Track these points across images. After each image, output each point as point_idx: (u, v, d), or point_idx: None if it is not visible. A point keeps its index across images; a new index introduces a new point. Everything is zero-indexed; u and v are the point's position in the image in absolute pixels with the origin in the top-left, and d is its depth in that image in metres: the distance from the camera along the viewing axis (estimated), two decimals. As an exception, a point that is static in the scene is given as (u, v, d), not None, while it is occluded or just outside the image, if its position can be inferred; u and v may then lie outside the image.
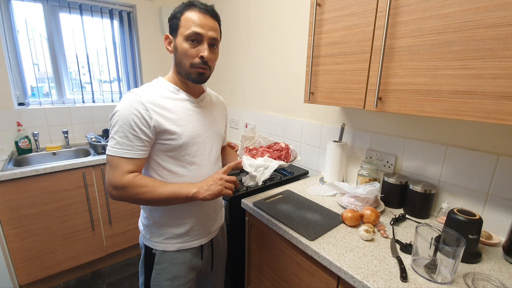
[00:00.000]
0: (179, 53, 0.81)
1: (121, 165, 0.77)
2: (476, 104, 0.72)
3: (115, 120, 0.77)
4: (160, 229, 0.90)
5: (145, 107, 0.77)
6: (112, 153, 0.77)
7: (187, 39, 0.79)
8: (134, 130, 0.76)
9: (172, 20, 0.82)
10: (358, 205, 1.09)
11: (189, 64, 0.81)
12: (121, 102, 0.79)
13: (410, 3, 0.81)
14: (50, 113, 2.01)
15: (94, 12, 2.15)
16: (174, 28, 0.81)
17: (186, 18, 0.79)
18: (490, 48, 0.68)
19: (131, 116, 0.76)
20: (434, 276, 0.73)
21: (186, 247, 0.92)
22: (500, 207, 0.94)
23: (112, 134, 0.78)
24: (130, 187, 0.77)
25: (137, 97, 0.78)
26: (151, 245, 0.91)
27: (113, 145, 0.77)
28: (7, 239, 1.55)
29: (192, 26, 0.78)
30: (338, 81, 1.06)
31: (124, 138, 0.76)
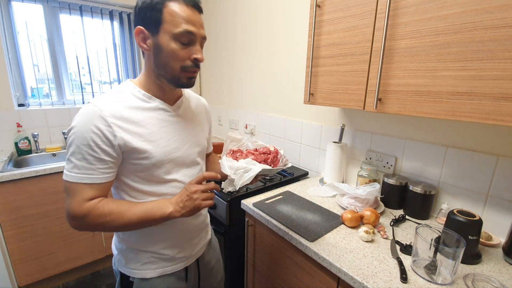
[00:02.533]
0: (164, 54, 0.66)
1: (80, 192, 0.64)
2: (475, 105, 0.72)
3: (71, 138, 0.64)
4: (138, 254, 0.77)
5: (106, 122, 0.63)
6: (68, 179, 0.64)
7: (177, 38, 0.65)
8: (94, 151, 0.63)
9: (149, 11, 0.64)
10: (358, 206, 1.09)
11: (180, 68, 0.68)
12: (77, 116, 0.64)
13: (409, 5, 0.81)
14: (50, 114, 2.02)
15: (94, 13, 2.16)
16: (153, 21, 0.65)
17: (172, 12, 0.64)
18: (489, 49, 0.68)
19: (89, 134, 0.62)
20: (434, 277, 0.73)
21: (168, 271, 0.79)
22: (499, 208, 0.94)
23: (68, 155, 0.64)
24: (90, 216, 0.64)
25: (97, 109, 0.64)
26: (128, 272, 0.78)
27: (70, 169, 0.64)
28: (7, 240, 1.55)
29: (183, 23, 0.64)
30: (338, 82, 1.06)
31: (82, 161, 0.63)
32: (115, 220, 0.66)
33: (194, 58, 0.69)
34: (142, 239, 0.76)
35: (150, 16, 0.65)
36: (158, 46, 0.67)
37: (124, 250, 0.78)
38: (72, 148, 0.63)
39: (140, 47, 0.70)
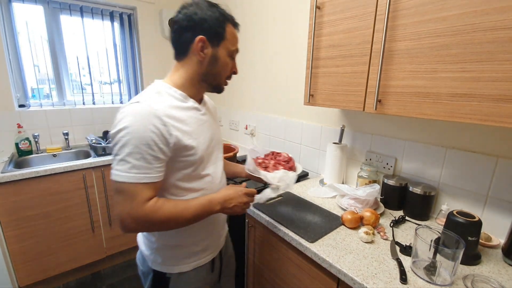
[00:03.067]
0: (220, 64, 0.76)
1: (139, 193, 0.65)
2: (474, 107, 0.72)
3: (125, 139, 0.63)
4: (175, 250, 0.81)
5: (162, 121, 0.66)
6: (127, 180, 0.64)
7: (230, 54, 0.78)
8: (153, 150, 0.65)
9: (215, 27, 0.72)
10: (358, 207, 1.09)
11: (225, 77, 0.81)
12: (129, 116, 0.65)
13: (409, 7, 0.82)
14: (51, 114, 2.02)
15: (95, 14, 2.16)
16: (216, 36, 0.73)
17: (231, 33, 0.77)
18: (489, 51, 0.68)
19: (148, 134, 0.64)
20: (434, 278, 0.73)
21: (202, 263, 0.85)
22: (499, 209, 0.94)
23: (124, 156, 0.64)
24: (152, 217, 0.66)
25: (151, 109, 0.66)
26: (164, 269, 0.81)
27: (128, 169, 0.64)
28: (7, 240, 1.55)
29: (236, 44, 0.79)
30: (338, 83, 1.06)
31: (141, 160, 0.64)
32: (175, 220, 0.71)
33: (233, 70, 0.82)
34: (180, 236, 0.81)
35: (214, 31, 0.73)
36: (215, 57, 0.75)
37: (161, 248, 0.81)
38: (129, 149, 0.64)
39: (194, 54, 0.74)
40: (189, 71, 0.76)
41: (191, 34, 0.72)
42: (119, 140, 0.65)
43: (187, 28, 0.73)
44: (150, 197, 0.67)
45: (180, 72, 0.77)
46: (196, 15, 0.72)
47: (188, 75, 0.77)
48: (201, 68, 0.76)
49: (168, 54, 2.47)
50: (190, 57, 0.75)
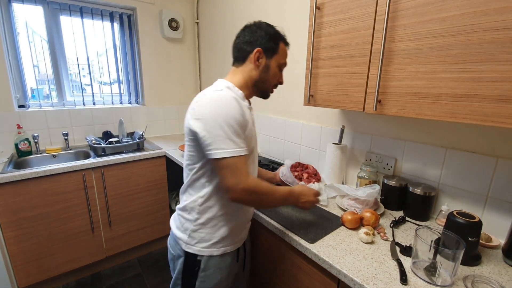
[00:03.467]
0: (270, 73, 0.91)
1: (243, 165, 0.77)
2: (474, 107, 0.72)
3: (220, 120, 0.75)
4: (207, 233, 0.88)
5: (241, 106, 0.81)
6: (232, 154, 0.75)
7: (279, 66, 0.93)
8: (241, 128, 0.78)
9: (270, 42, 0.89)
10: (358, 208, 1.09)
11: (272, 85, 0.95)
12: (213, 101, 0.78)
13: (408, 7, 0.82)
14: (50, 115, 2.02)
15: (94, 15, 2.16)
16: (271, 50, 0.89)
17: (282, 48, 0.92)
18: (488, 51, 0.68)
19: (237, 115, 0.77)
20: (434, 278, 0.73)
21: (229, 250, 0.92)
22: (499, 210, 0.94)
23: (223, 135, 0.75)
24: (259, 188, 0.80)
25: (230, 93, 0.81)
26: (196, 251, 0.89)
27: (231, 146, 0.75)
28: (7, 241, 1.55)
29: (285, 58, 0.95)
30: (338, 84, 1.06)
31: (237, 137, 0.77)
32: (271, 197, 0.84)
33: (280, 81, 0.97)
34: (217, 218, 0.88)
35: (270, 45, 0.89)
36: (268, 66, 0.91)
37: (197, 230, 0.89)
38: (228, 128, 0.75)
39: (251, 62, 0.90)
40: (245, 76, 0.91)
41: (251, 46, 0.89)
42: (215, 122, 0.75)
43: (249, 42, 0.89)
44: (248, 171, 0.79)
45: (237, 76, 0.91)
46: (256, 32, 0.89)
47: (244, 79, 0.91)
48: (255, 75, 0.90)
49: (168, 54, 2.49)
50: (247, 64, 0.91)
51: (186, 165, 0.91)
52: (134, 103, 2.50)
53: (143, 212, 2.06)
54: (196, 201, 0.88)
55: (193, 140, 0.82)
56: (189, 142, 0.85)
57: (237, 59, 0.93)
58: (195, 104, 0.82)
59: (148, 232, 2.12)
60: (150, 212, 2.09)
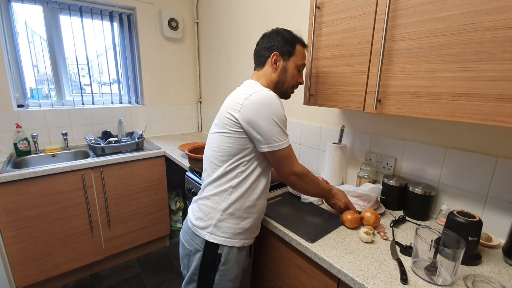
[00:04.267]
0: (288, 74, 0.98)
1: (294, 154, 0.90)
2: (474, 106, 0.72)
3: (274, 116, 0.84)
4: (233, 223, 0.91)
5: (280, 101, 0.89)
6: (287, 145, 0.88)
7: (297, 67, 0.99)
8: (286, 122, 0.89)
9: (287, 46, 0.96)
10: (360, 205, 1.08)
11: (291, 86, 1.01)
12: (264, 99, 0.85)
13: (408, 6, 0.82)
14: (50, 115, 2.01)
15: (94, 15, 2.16)
16: (287, 53, 0.96)
17: (300, 50, 0.99)
18: (488, 50, 0.68)
19: (282, 108, 0.87)
20: (434, 278, 0.73)
21: (247, 244, 0.96)
22: (499, 209, 0.94)
23: (279, 128, 0.85)
24: (309, 174, 0.94)
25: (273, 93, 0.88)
26: (220, 241, 0.90)
27: (285, 137, 0.87)
28: (5, 241, 1.54)
29: (303, 60, 1.01)
30: (338, 83, 1.06)
31: (286, 129, 0.89)
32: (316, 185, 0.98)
33: (299, 81, 1.03)
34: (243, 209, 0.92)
35: (286, 48, 0.96)
36: (285, 68, 0.98)
37: (222, 219, 0.91)
38: (281, 122, 0.86)
39: (269, 65, 0.97)
40: (266, 79, 0.98)
41: (269, 51, 0.97)
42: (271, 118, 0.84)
43: (267, 48, 0.97)
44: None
45: (262, 79, 0.98)
46: (274, 38, 0.97)
47: (266, 81, 0.98)
48: (274, 77, 0.98)
49: (168, 54, 2.48)
50: (266, 68, 0.98)
51: (216, 156, 0.92)
52: (134, 103, 2.49)
53: (142, 212, 2.05)
54: (227, 190, 0.90)
55: (238, 133, 0.87)
56: (232, 134, 0.88)
57: (257, 64, 1.01)
58: (243, 100, 0.85)
59: (147, 232, 2.11)
60: (149, 212, 2.09)
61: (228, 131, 0.88)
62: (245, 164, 0.89)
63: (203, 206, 0.93)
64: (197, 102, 2.79)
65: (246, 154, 0.89)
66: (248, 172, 0.90)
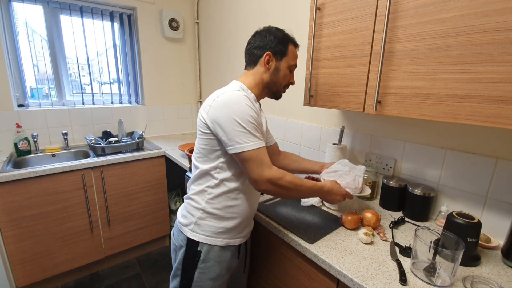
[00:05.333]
0: (280, 75, 0.95)
1: (264, 156, 0.82)
2: (474, 108, 0.72)
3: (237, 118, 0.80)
4: (213, 222, 0.91)
5: (250, 101, 0.84)
6: (253, 147, 0.80)
7: (289, 68, 0.96)
8: (257, 122, 0.83)
9: (279, 45, 0.93)
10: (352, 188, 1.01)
11: (283, 86, 0.98)
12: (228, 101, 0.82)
13: (409, 8, 0.82)
14: (50, 114, 2.01)
15: (94, 15, 2.16)
16: (280, 53, 0.93)
17: (292, 50, 0.96)
18: (489, 52, 0.68)
19: (252, 112, 0.82)
20: (433, 279, 0.73)
21: (231, 243, 0.94)
22: (498, 211, 0.94)
23: (243, 130, 0.80)
24: (283, 179, 0.83)
25: (242, 93, 0.85)
26: (199, 238, 0.91)
27: (253, 139, 0.81)
28: (5, 240, 1.54)
29: (295, 60, 0.98)
30: (338, 84, 1.07)
31: (257, 132, 0.82)
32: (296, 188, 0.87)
33: (291, 81, 1.00)
34: (223, 209, 0.91)
35: (279, 48, 0.93)
36: (278, 68, 0.95)
37: (202, 217, 0.91)
38: (246, 124, 0.80)
39: (261, 65, 0.94)
40: (256, 78, 0.95)
41: (261, 50, 0.93)
42: (233, 120, 0.80)
43: (259, 47, 0.94)
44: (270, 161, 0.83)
45: (250, 78, 0.95)
46: (266, 37, 0.93)
47: (255, 81, 0.95)
48: (266, 77, 0.95)
49: (168, 54, 2.49)
50: (258, 67, 0.95)
51: (196, 157, 0.94)
52: (134, 103, 2.50)
53: (142, 212, 2.05)
54: (206, 191, 0.91)
55: (208, 134, 0.86)
56: (203, 136, 0.88)
57: (248, 63, 0.98)
58: (211, 101, 0.85)
59: (147, 232, 2.11)
60: (149, 212, 2.09)
61: (201, 132, 0.88)
62: (221, 165, 0.88)
63: (187, 204, 0.96)
64: (197, 102, 2.79)
65: (220, 156, 0.88)
66: (225, 173, 0.89)
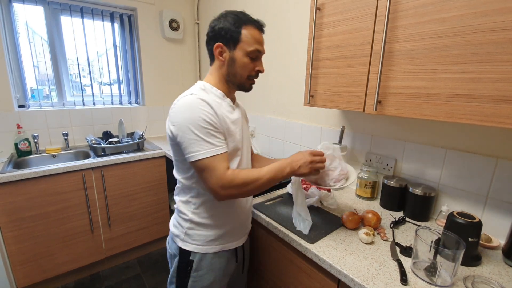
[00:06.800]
0: (237, 65, 0.84)
1: (219, 164, 0.76)
2: (474, 108, 0.72)
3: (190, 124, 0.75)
4: (203, 230, 0.89)
5: (208, 104, 0.79)
6: (208, 155, 0.75)
7: (248, 55, 0.83)
8: (213, 127, 0.78)
9: (228, 32, 0.82)
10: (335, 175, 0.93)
11: (246, 77, 0.87)
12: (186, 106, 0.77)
13: (408, 8, 0.82)
14: (50, 115, 2.02)
15: (95, 15, 2.16)
16: (231, 40, 0.83)
17: (247, 34, 0.82)
18: (488, 52, 0.68)
19: (206, 115, 0.76)
20: (434, 279, 0.73)
21: (226, 248, 0.92)
22: (499, 210, 0.94)
23: (195, 138, 0.75)
24: (235, 181, 0.77)
25: (199, 98, 0.78)
26: (190, 248, 0.89)
27: (205, 147, 0.76)
28: (6, 241, 1.54)
29: (255, 44, 0.83)
30: (338, 84, 1.07)
31: (211, 137, 0.77)
32: (253, 183, 0.79)
33: (257, 70, 0.88)
34: (211, 216, 0.88)
35: (230, 36, 0.82)
36: (233, 59, 0.84)
37: (191, 227, 0.89)
38: (198, 130, 0.75)
39: (216, 59, 0.87)
40: (218, 74, 0.88)
41: (213, 42, 0.85)
42: (185, 127, 0.76)
43: (211, 38, 0.86)
44: (227, 167, 0.78)
45: (213, 75, 0.89)
46: (216, 26, 0.84)
47: (217, 77, 0.89)
48: (224, 70, 0.87)
49: (168, 55, 2.49)
50: (216, 62, 0.88)
51: (174, 169, 0.92)
52: (134, 103, 2.50)
53: (142, 212, 2.05)
54: (190, 201, 0.89)
55: (174, 145, 0.83)
56: (171, 147, 0.86)
57: (209, 58, 0.92)
58: (171, 109, 0.82)
59: (147, 233, 2.11)
60: (149, 213, 2.09)
61: (169, 143, 0.85)
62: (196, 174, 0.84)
63: (176, 215, 0.94)
64: (197, 103, 2.79)
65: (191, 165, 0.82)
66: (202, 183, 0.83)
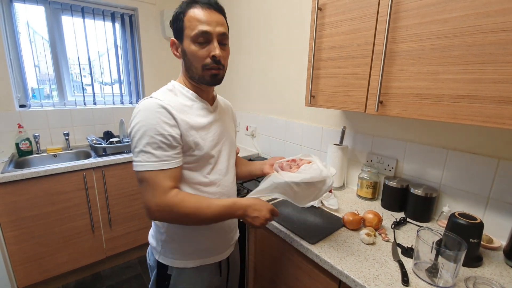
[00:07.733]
0: (188, 56, 0.74)
1: (161, 181, 0.68)
2: (476, 108, 0.72)
3: (141, 131, 0.68)
4: (180, 244, 0.82)
5: (168, 111, 0.70)
6: (148, 168, 0.68)
7: (195, 40, 0.72)
8: (166, 139, 0.69)
9: (176, 23, 0.74)
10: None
11: (201, 67, 0.74)
12: (141, 111, 0.70)
13: (410, 8, 0.82)
14: (51, 115, 2.02)
15: (96, 15, 2.16)
16: (179, 30, 0.74)
17: (190, 18, 0.71)
18: (490, 53, 0.68)
19: (160, 125, 0.68)
20: (436, 280, 0.73)
21: (207, 262, 0.85)
22: (500, 211, 0.94)
23: (141, 147, 0.68)
24: (176, 208, 0.69)
25: (157, 101, 0.71)
26: (167, 262, 0.82)
27: (147, 159, 0.68)
28: (7, 241, 1.55)
29: (198, 25, 0.70)
30: (339, 85, 1.07)
31: (158, 149, 0.68)
32: (197, 216, 0.71)
33: (212, 55, 0.73)
34: (188, 229, 0.81)
35: (176, 27, 0.75)
36: (184, 51, 0.75)
37: (168, 240, 0.82)
38: (146, 140, 0.68)
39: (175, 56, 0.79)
40: (182, 73, 0.82)
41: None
42: (136, 133, 0.69)
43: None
44: (171, 186, 0.70)
45: (181, 74, 0.83)
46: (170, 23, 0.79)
47: (184, 77, 0.82)
48: (183, 67, 0.80)
49: (169, 55, 2.49)
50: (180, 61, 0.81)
51: None
52: (135, 103, 2.50)
53: (143, 212, 2.04)
54: None
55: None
56: None
57: None
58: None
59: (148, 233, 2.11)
60: (150, 212, 2.09)
61: None
62: None
63: (154, 225, 0.87)
64: (198, 103, 2.79)
65: None
66: None
